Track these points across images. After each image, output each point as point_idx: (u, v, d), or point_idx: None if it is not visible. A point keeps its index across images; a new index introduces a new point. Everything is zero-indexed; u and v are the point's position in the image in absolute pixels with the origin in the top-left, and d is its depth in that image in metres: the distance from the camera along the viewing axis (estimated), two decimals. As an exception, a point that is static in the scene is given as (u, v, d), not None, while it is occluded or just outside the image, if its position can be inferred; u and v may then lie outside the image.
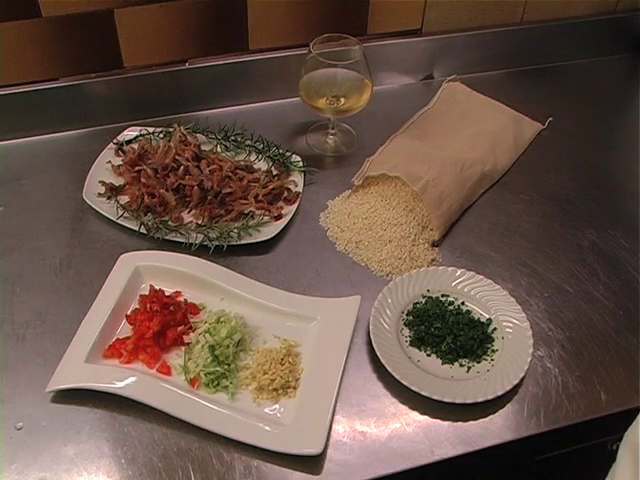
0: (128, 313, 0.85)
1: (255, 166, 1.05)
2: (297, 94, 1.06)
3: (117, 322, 0.84)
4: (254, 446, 0.73)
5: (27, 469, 0.72)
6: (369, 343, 0.83)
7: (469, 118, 1.16)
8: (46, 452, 0.73)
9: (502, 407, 0.78)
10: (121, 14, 1.05)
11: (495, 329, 0.85)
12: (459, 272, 0.90)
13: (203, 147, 1.06)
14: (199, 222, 0.96)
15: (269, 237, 0.94)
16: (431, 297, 0.88)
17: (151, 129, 1.09)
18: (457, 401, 0.76)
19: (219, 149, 1.08)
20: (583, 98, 1.25)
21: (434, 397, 0.77)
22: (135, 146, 1.07)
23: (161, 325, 0.81)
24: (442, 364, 0.82)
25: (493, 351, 0.83)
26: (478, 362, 0.82)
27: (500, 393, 0.77)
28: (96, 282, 0.88)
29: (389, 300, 0.86)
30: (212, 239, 0.93)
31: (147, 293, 0.86)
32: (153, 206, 0.97)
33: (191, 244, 0.93)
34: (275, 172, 1.04)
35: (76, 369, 0.78)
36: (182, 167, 1.00)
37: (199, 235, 0.94)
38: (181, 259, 0.90)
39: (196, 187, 0.98)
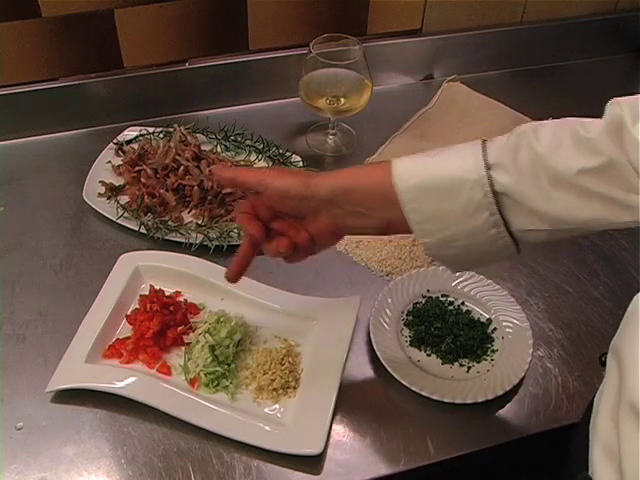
0: (128, 313, 0.85)
1: (255, 166, 1.05)
2: (297, 94, 1.06)
3: (117, 322, 0.84)
4: (254, 446, 0.73)
5: (27, 469, 0.72)
6: (369, 343, 0.83)
7: (469, 118, 1.16)
8: (46, 452, 0.73)
9: (502, 407, 0.78)
10: (121, 14, 1.05)
11: (495, 329, 0.85)
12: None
13: (203, 147, 1.06)
14: (199, 222, 0.96)
15: (269, 237, 0.94)
16: (431, 297, 0.88)
17: (151, 129, 1.09)
18: (457, 401, 0.76)
19: (219, 149, 1.08)
20: (583, 98, 1.24)
21: (434, 397, 0.77)
22: (135, 146, 1.07)
23: (161, 325, 0.81)
24: (442, 364, 0.82)
25: (493, 351, 0.83)
26: (478, 362, 0.82)
27: (500, 393, 0.77)
28: (96, 282, 0.88)
29: (389, 300, 0.86)
30: (212, 239, 0.93)
31: (147, 293, 0.86)
32: (153, 206, 0.97)
33: (191, 244, 0.93)
34: (275, 172, 1.04)
35: (76, 369, 0.78)
36: (182, 167, 1.00)
37: (199, 235, 0.94)
38: (181, 259, 0.90)
39: (196, 187, 0.98)
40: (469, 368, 0.81)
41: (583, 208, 0.57)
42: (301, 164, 1.05)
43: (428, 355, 0.83)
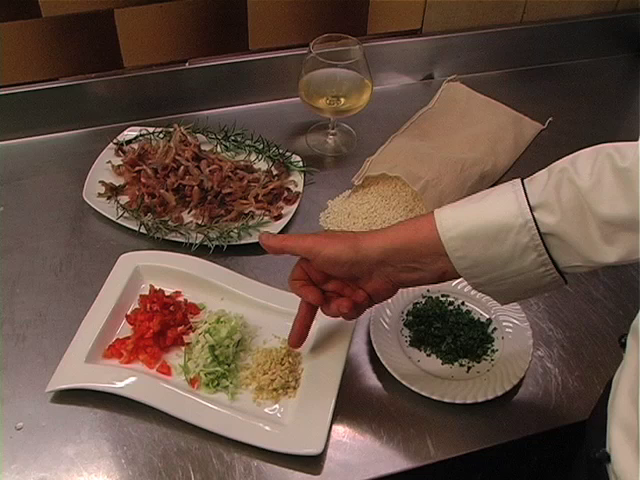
0: (128, 313, 0.85)
1: (255, 166, 1.05)
2: (297, 94, 1.06)
3: (117, 322, 0.84)
4: (254, 446, 0.73)
5: (27, 469, 0.72)
6: (369, 343, 0.83)
7: (469, 118, 1.16)
8: (46, 452, 0.73)
9: (502, 407, 0.78)
10: (121, 14, 1.05)
11: (495, 329, 0.85)
12: (459, 272, 0.90)
13: (203, 147, 1.06)
14: (199, 222, 0.96)
15: (269, 237, 0.94)
16: (431, 297, 0.88)
17: (151, 129, 1.09)
18: (457, 401, 0.76)
19: (219, 149, 1.08)
20: (583, 98, 1.25)
21: (434, 397, 0.77)
22: (135, 146, 1.07)
23: (161, 325, 0.81)
24: (442, 364, 0.82)
25: (493, 351, 0.83)
26: (478, 362, 0.82)
27: (500, 393, 0.77)
28: (96, 282, 0.88)
29: (389, 300, 0.86)
30: (212, 239, 0.93)
31: (147, 293, 0.86)
32: (153, 206, 0.97)
33: (191, 244, 0.93)
34: (275, 172, 1.04)
35: (76, 369, 0.78)
36: (182, 167, 1.00)
37: (199, 235, 0.94)
38: (181, 259, 0.90)
39: (196, 187, 0.98)
40: (469, 368, 0.81)
41: (631, 255, 0.58)
42: (301, 164, 1.05)
43: (428, 355, 0.83)
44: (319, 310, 0.76)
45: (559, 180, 0.60)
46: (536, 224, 0.60)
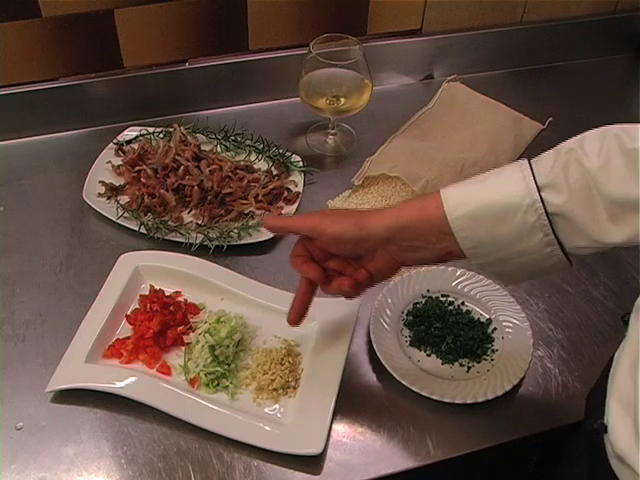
0: (128, 313, 0.85)
1: (255, 166, 1.05)
2: (297, 94, 1.06)
3: (117, 322, 0.84)
4: (254, 446, 0.73)
5: (27, 469, 0.72)
6: (369, 343, 0.83)
7: (469, 118, 1.16)
8: (46, 452, 0.73)
9: (502, 407, 0.78)
10: (121, 14, 1.05)
11: (495, 329, 0.85)
12: (459, 272, 0.90)
13: (203, 147, 1.06)
14: (199, 222, 0.96)
15: (269, 237, 0.94)
16: (431, 297, 0.88)
17: (151, 129, 1.09)
18: (457, 401, 0.76)
19: (219, 149, 1.08)
20: (583, 98, 1.25)
21: (434, 397, 0.77)
22: (135, 146, 1.07)
23: (161, 325, 0.81)
24: (442, 364, 0.82)
25: (493, 351, 0.83)
26: (478, 362, 0.82)
27: (500, 393, 0.77)
28: (96, 282, 0.88)
29: (389, 300, 0.86)
30: (212, 239, 0.93)
31: (147, 293, 0.86)
32: (153, 206, 0.97)
33: (191, 244, 0.93)
34: (275, 172, 1.04)
35: (76, 369, 0.78)
36: (182, 167, 1.00)
37: (199, 235, 0.94)
38: (181, 259, 0.90)
39: (196, 187, 0.98)
40: (469, 368, 0.81)
41: (639, 236, 0.58)
42: (301, 164, 1.05)
43: (428, 355, 0.83)
44: (319, 310, 0.76)
45: (567, 161, 0.60)
46: (543, 204, 0.60)
